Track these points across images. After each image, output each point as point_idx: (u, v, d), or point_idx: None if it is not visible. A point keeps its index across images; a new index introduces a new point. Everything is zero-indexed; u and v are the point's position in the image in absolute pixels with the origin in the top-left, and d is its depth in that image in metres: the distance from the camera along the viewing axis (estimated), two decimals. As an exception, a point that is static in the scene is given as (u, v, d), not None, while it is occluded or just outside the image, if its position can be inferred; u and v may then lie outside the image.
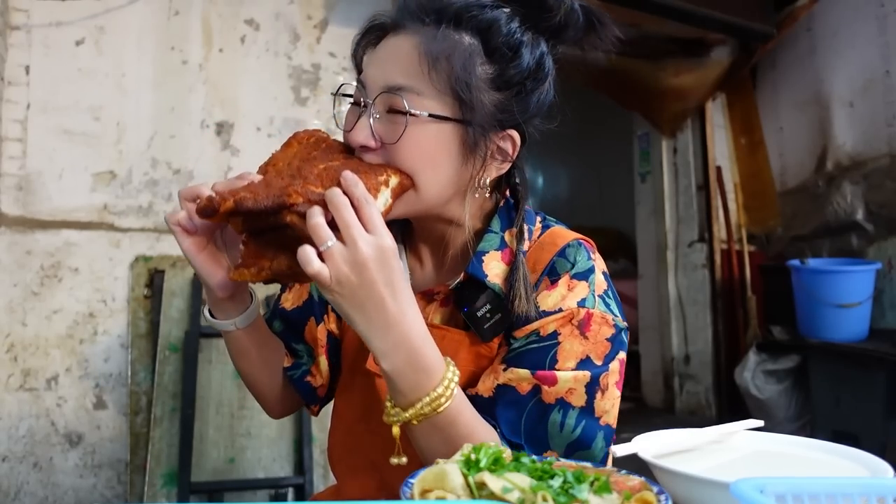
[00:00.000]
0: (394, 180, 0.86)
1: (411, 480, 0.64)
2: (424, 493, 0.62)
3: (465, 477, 0.62)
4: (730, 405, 4.29)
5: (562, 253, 0.94)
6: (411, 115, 0.85)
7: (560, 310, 0.90)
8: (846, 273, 3.50)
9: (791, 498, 0.54)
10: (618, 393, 0.92)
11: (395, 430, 0.82)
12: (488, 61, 0.88)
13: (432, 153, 0.87)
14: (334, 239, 0.73)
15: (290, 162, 0.88)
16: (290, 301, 1.13)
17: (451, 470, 0.62)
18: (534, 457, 0.69)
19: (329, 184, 0.80)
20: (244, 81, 3.04)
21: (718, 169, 4.49)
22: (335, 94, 0.97)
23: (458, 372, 0.82)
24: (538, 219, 1.01)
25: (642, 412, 4.64)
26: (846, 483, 0.56)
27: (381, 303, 0.76)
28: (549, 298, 0.91)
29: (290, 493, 2.71)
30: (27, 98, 2.68)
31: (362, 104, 0.90)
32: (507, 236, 0.97)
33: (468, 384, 0.93)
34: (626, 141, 5.28)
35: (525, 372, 0.89)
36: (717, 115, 4.57)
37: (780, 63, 4.33)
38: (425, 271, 1.04)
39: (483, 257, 0.95)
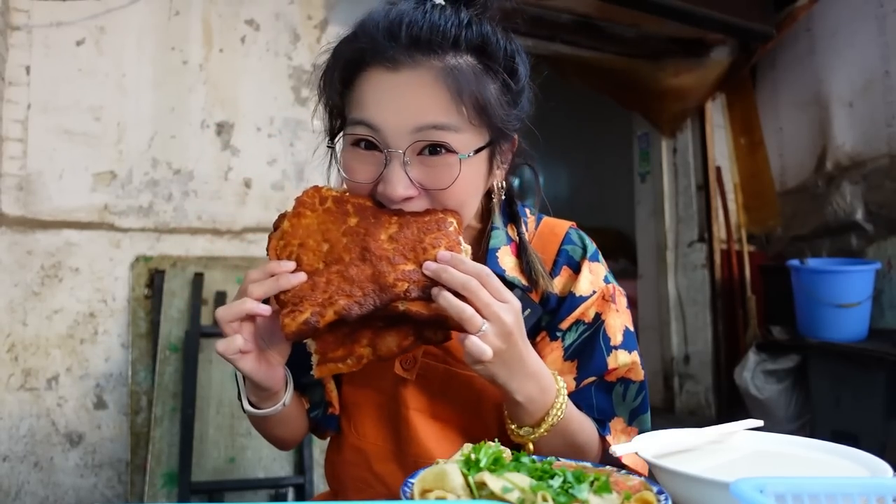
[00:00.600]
0: (455, 222, 0.85)
1: (411, 480, 0.64)
2: (424, 493, 0.62)
3: (465, 477, 0.62)
4: (730, 405, 4.28)
5: (567, 241, 1.02)
6: (459, 161, 0.84)
7: (594, 292, 0.99)
8: (846, 273, 3.50)
9: (791, 498, 0.54)
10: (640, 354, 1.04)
11: (530, 446, 0.89)
12: (494, 79, 0.88)
13: (477, 184, 0.91)
14: (485, 322, 0.77)
15: (324, 236, 0.82)
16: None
17: (451, 470, 0.62)
18: (534, 457, 0.69)
19: (412, 255, 0.80)
20: (244, 81, 3.05)
21: (718, 169, 4.49)
22: (331, 144, 0.96)
23: (562, 380, 0.90)
24: (527, 210, 1.06)
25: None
26: (846, 483, 0.56)
27: (521, 356, 0.82)
28: (580, 284, 0.99)
29: (291, 492, 2.71)
30: (28, 98, 2.68)
31: (385, 153, 0.84)
32: (509, 230, 1.01)
33: None
34: (626, 141, 5.28)
35: (592, 379, 0.98)
36: (716, 115, 4.57)
37: (780, 63, 4.33)
38: None
39: (497, 254, 0.98)
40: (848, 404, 3.33)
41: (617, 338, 0.98)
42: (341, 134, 0.93)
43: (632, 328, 1.01)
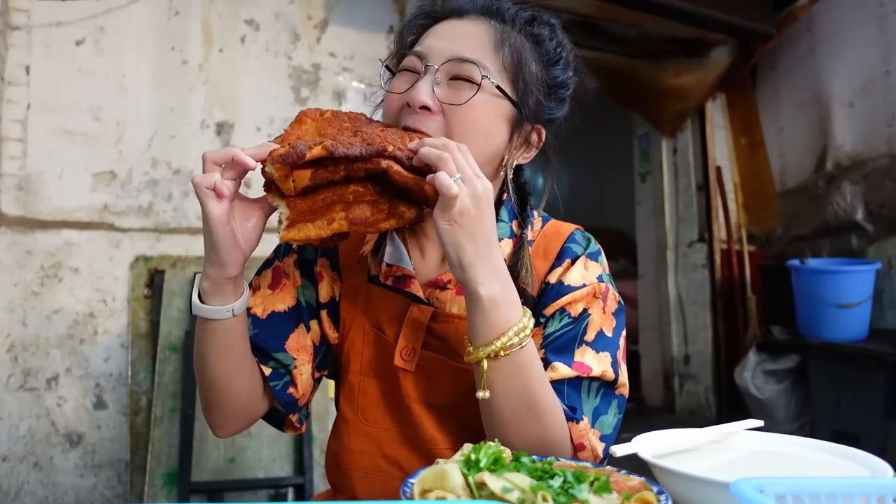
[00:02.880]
0: None
1: (411, 480, 0.64)
2: (424, 493, 0.62)
3: (465, 477, 0.62)
4: (730, 405, 4.29)
5: (571, 239, 1.04)
6: (482, 81, 0.93)
7: (584, 284, 0.99)
8: (846, 273, 3.50)
9: (791, 498, 0.54)
10: (624, 366, 1.01)
11: (484, 364, 0.85)
12: (538, 61, 1.00)
13: (489, 123, 0.95)
14: (458, 173, 0.80)
15: (320, 133, 0.86)
16: (261, 308, 1.05)
17: (451, 470, 0.62)
18: (534, 457, 0.69)
19: (400, 140, 0.84)
20: (244, 81, 3.05)
21: (718, 169, 4.49)
22: (387, 63, 1.02)
23: (530, 312, 0.89)
24: (535, 213, 1.08)
25: (642, 412, 4.64)
26: (846, 483, 0.56)
27: (488, 235, 0.83)
28: (571, 274, 1.00)
29: (290, 492, 2.71)
30: (27, 98, 2.68)
31: (422, 70, 0.94)
32: (514, 226, 1.04)
33: None
34: (626, 141, 5.28)
35: (566, 369, 0.95)
36: (717, 115, 4.57)
37: (780, 63, 4.33)
38: (427, 261, 1.04)
39: (499, 243, 0.97)
40: (848, 404, 3.32)
41: (591, 335, 0.97)
42: (398, 56, 1.03)
43: (609, 334, 0.98)
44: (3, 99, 2.63)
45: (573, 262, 1.01)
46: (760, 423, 0.88)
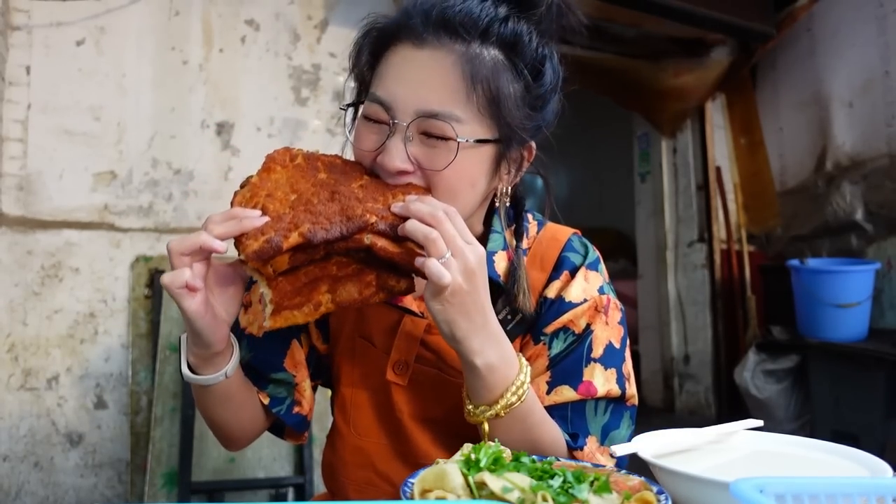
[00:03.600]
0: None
1: (411, 480, 0.64)
2: (424, 493, 0.62)
3: (465, 477, 0.62)
4: (730, 405, 4.29)
5: (569, 247, 0.99)
6: (457, 144, 0.84)
7: (585, 300, 0.95)
8: (846, 273, 3.50)
9: (791, 498, 0.54)
10: (632, 374, 0.99)
11: (485, 426, 0.84)
12: (517, 78, 0.88)
13: (473, 174, 0.88)
14: (448, 251, 0.75)
15: (292, 188, 0.79)
16: (255, 325, 1.01)
17: (451, 470, 0.62)
18: (534, 457, 0.69)
19: (381, 198, 0.79)
20: (244, 81, 3.05)
21: (718, 169, 4.49)
22: (347, 108, 0.94)
23: (525, 361, 0.86)
24: (530, 216, 1.04)
25: (642, 412, 4.59)
26: (846, 483, 0.56)
27: (482, 306, 0.79)
28: (572, 289, 0.96)
29: (291, 492, 2.71)
30: (28, 98, 2.68)
31: (391, 125, 0.85)
32: (507, 235, 0.99)
33: None
34: (626, 141, 5.28)
35: (569, 391, 0.93)
36: (716, 116, 4.57)
37: (780, 63, 4.33)
38: None
39: (494, 257, 0.96)
40: (848, 404, 3.33)
41: (598, 350, 0.95)
42: (358, 105, 0.94)
43: (618, 345, 0.96)
44: (3, 99, 2.63)
45: (573, 275, 0.97)
46: (760, 423, 0.88)
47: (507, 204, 0.97)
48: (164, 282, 0.78)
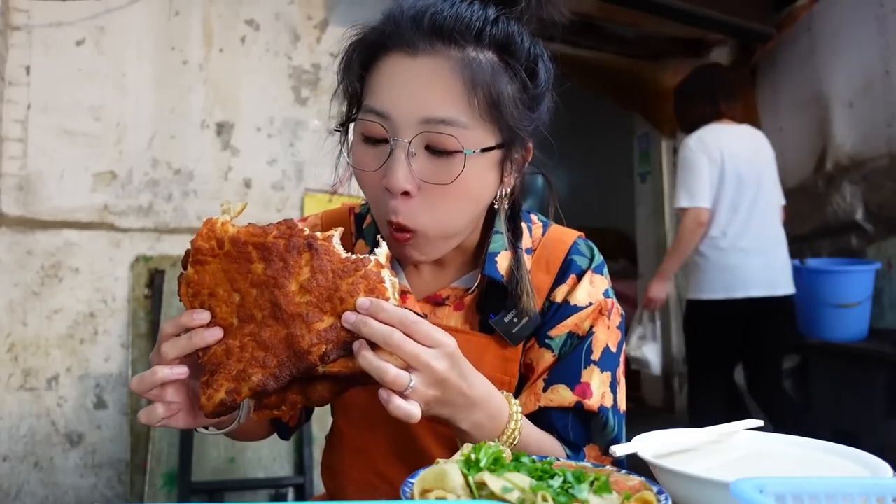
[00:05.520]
0: (381, 255, 0.76)
1: (411, 480, 0.64)
2: (424, 493, 0.62)
3: (465, 477, 0.62)
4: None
5: (575, 251, 0.99)
6: (465, 157, 0.82)
7: (591, 303, 0.96)
8: (846, 273, 3.50)
9: (791, 498, 0.54)
10: (623, 381, 0.99)
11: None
12: (513, 79, 0.87)
13: (480, 184, 0.87)
14: (410, 376, 0.71)
15: (232, 286, 0.75)
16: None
17: (451, 470, 0.62)
18: (534, 457, 0.69)
19: (329, 306, 0.72)
20: (244, 81, 3.05)
21: (718, 169, 4.49)
22: (340, 128, 0.91)
23: (518, 403, 0.85)
24: (534, 217, 1.04)
25: (642, 412, 4.64)
26: (846, 483, 0.56)
27: (460, 393, 0.77)
28: (578, 293, 0.96)
29: (291, 492, 2.71)
30: (28, 98, 2.68)
31: (391, 142, 0.83)
32: (509, 236, 0.98)
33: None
34: (626, 141, 5.28)
35: (566, 391, 0.93)
36: (717, 115, 4.56)
37: (780, 63, 4.33)
38: (423, 276, 1.00)
39: (496, 258, 0.95)
40: (848, 404, 3.33)
41: (596, 353, 0.95)
42: (353, 121, 0.90)
43: (614, 349, 0.97)
44: (3, 99, 2.63)
45: (579, 279, 0.97)
46: (760, 423, 0.88)
47: (507, 205, 0.96)
48: (141, 420, 0.78)
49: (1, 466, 2.54)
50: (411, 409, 0.72)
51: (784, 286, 3.03)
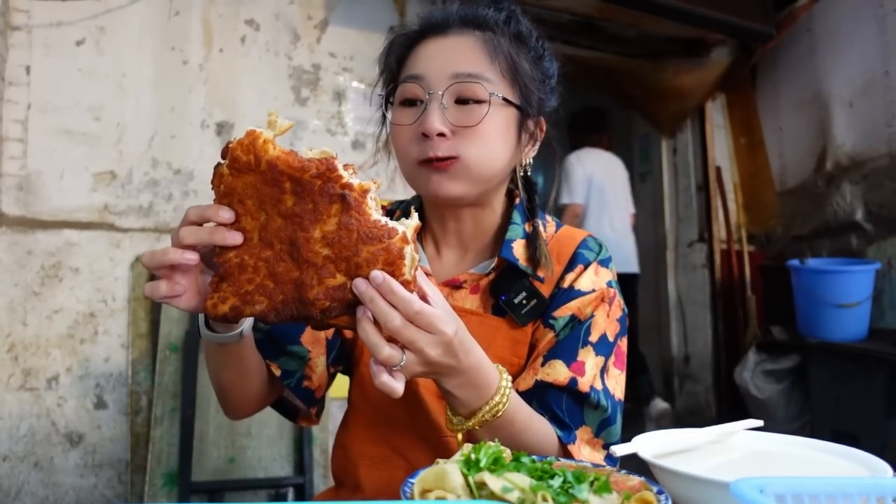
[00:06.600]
0: (409, 228, 0.74)
1: (411, 480, 0.64)
2: (424, 493, 0.62)
3: (465, 477, 0.62)
4: (730, 405, 4.28)
5: (584, 245, 1.08)
6: (489, 99, 0.96)
7: (593, 290, 1.03)
8: (846, 273, 3.50)
9: (791, 498, 0.54)
10: (618, 371, 1.04)
11: (459, 436, 0.88)
12: (527, 61, 1.03)
13: (503, 133, 0.99)
14: (402, 352, 0.75)
15: (261, 205, 0.74)
16: None
17: (451, 470, 0.62)
18: (534, 457, 0.69)
19: (343, 266, 0.73)
20: (244, 81, 3.05)
21: (718, 169, 4.49)
22: (385, 96, 1.04)
23: (510, 378, 0.89)
24: (548, 218, 1.13)
25: (642, 412, 4.63)
26: (846, 483, 0.56)
27: (452, 368, 0.80)
28: (583, 279, 1.04)
29: (291, 492, 2.71)
30: (28, 98, 2.68)
31: (425, 98, 0.97)
32: (527, 227, 1.07)
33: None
34: (626, 141, 5.28)
35: (562, 367, 0.99)
36: (716, 115, 4.57)
37: (780, 63, 4.33)
38: (444, 261, 1.10)
39: (512, 244, 1.04)
40: (848, 404, 3.33)
41: (595, 336, 1.02)
42: (393, 92, 1.04)
43: (611, 339, 1.03)
44: (3, 99, 2.63)
45: (585, 268, 1.05)
46: (760, 423, 0.88)
47: (522, 179, 1.08)
48: (145, 293, 0.80)
49: (1, 466, 2.54)
50: (395, 386, 0.75)
51: (632, 266, 4.14)
